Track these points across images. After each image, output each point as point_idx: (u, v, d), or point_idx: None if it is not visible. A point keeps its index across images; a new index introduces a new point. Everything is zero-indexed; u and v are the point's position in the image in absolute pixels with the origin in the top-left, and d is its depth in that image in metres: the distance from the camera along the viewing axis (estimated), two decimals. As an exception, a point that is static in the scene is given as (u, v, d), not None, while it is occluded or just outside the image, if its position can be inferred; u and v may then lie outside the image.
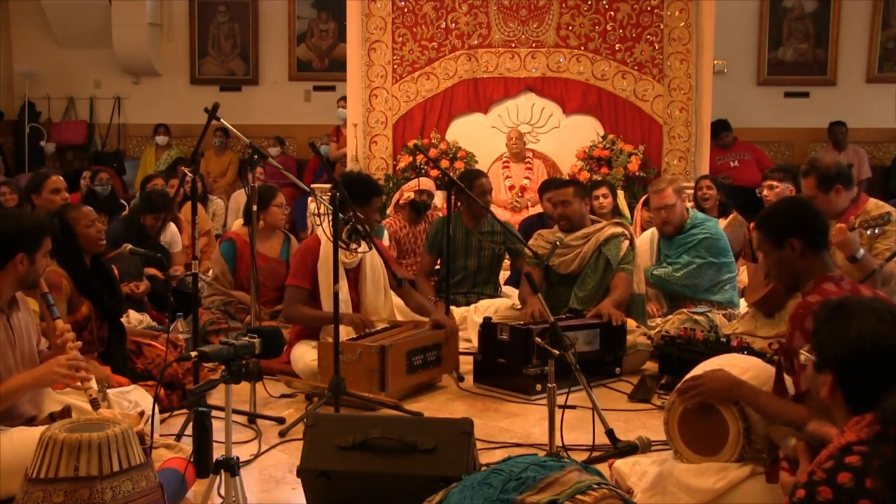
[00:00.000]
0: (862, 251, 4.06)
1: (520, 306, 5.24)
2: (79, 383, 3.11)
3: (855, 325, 1.79)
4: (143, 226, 5.81)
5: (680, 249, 5.26)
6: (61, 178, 5.74)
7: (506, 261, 6.15)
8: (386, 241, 6.03)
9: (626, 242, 5.07)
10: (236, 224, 6.55)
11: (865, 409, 1.75)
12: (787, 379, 2.78)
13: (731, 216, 6.28)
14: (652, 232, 5.51)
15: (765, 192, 5.67)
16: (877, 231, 4.07)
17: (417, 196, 6.38)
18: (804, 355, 1.92)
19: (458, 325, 4.82)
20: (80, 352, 3.24)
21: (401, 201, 6.52)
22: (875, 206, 4.38)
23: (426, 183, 6.60)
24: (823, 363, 1.84)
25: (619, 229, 5.12)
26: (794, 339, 2.63)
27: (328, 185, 6.32)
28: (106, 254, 4.41)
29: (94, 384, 3.16)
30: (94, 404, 3.08)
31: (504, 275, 6.28)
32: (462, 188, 5.30)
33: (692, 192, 6.72)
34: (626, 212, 7.17)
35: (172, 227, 6.09)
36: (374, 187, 4.74)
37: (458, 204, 5.73)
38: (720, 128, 9.03)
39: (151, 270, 5.64)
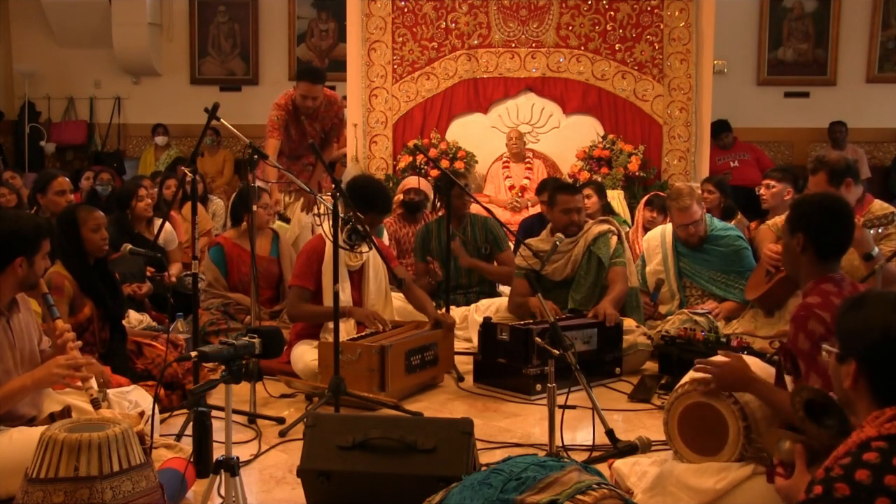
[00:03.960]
0: (877, 249, 4.06)
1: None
2: (79, 383, 3.11)
3: (879, 313, 1.78)
4: (131, 227, 5.77)
5: (710, 258, 5.21)
6: (67, 180, 5.79)
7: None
8: (386, 241, 6.04)
9: (615, 238, 5.07)
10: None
11: (889, 399, 1.74)
12: (788, 379, 2.78)
13: (737, 218, 6.28)
14: (662, 230, 5.46)
15: (762, 191, 5.65)
16: (880, 231, 4.08)
17: (405, 196, 6.39)
18: (826, 348, 1.91)
19: (455, 321, 4.81)
20: (80, 352, 3.24)
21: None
22: (880, 206, 4.39)
23: (418, 182, 6.58)
24: (847, 352, 1.81)
25: (604, 226, 5.12)
26: (798, 340, 2.63)
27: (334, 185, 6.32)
28: (109, 256, 4.42)
29: (94, 384, 3.16)
30: (95, 404, 3.08)
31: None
32: (460, 186, 5.31)
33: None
34: (626, 212, 7.17)
35: (167, 225, 6.07)
36: (377, 202, 4.64)
37: (441, 207, 5.72)
38: (720, 128, 9.03)
39: (153, 271, 5.63)
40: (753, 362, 2.96)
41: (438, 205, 5.97)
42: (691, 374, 2.95)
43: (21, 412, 3.05)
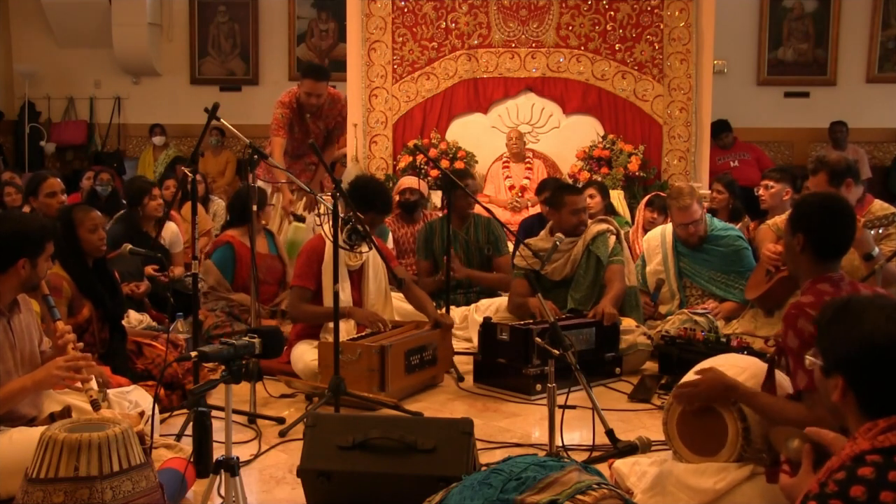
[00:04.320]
0: (877, 249, 4.06)
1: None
2: (79, 384, 3.11)
3: (863, 324, 1.73)
4: (140, 225, 5.80)
5: (710, 258, 5.21)
6: (59, 180, 5.75)
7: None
8: (390, 244, 6.04)
9: (613, 237, 5.10)
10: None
11: (879, 412, 1.71)
12: (782, 377, 2.79)
13: (743, 220, 6.28)
14: (662, 230, 5.47)
15: (761, 192, 5.66)
16: (880, 231, 4.08)
17: (401, 196, 6.40)
18: (809, 360, 1.88)
19: (454, 322, 4.81)
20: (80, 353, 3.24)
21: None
22: (880, 206, 4.38)
23: (412, 182, 6.58)
24: (833, 366, 1.78)
25: (603, 226, 5.14)
26: (788, 338, 2.64)
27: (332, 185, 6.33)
28: (107, 255, 4.41)
29: (94, 385, 3.17)
30: (95, 405, 3.09)
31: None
32: (461, 187, 5.31)
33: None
34: (626, 212, 7.16)
35: (174, 227, 6.07)
36: (377, 203, 4.67)
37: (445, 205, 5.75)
38: (720, 128, 9.03)
39: (151, 271, 5.63)
40: (752, 362, 2.97)
41: (444, 203, 5.99)
42: (687, 379, 2.95)
43: (21, 412, 3.05)
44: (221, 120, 4.13)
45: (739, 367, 2.90)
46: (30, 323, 3.20)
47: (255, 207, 4.39)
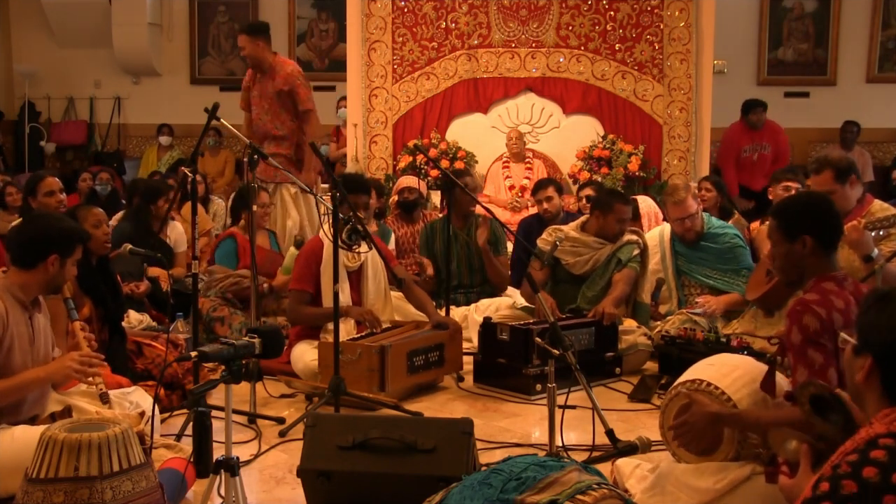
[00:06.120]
0: (876, 251, 4.05)
1: (521, 305, 5.26)
2: (90, 378, 3.16)
3: None
4: (150, 223, 5.82)
5: (707, 255, 5.22)
6: (57, 179, 5.76)
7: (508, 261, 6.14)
8: (392, 245, 6.03)
9: (638, 251, 5.15)
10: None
11: None
12: (781, 378, 2.78)
13: (734, 217, 6.27)
14: (661, 230, 5.48)
15: (779, 192, 5.55)
16: (881, 233, 4.07)
17: (400, 195, 6.40)
18: (843, 337, 1.89)
19: (460, 325, 4.81)
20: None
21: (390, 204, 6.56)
22: (880, 207, 4.37)
23: (411, 181, 6.59)
24: (864, 346, 1.79)
25: (634, 237, 5.21)
26: (791, 333, 2.62)
27: (327, 186, 6.34)
28: (110, 254, 4.42)
29: (103, 380, 3.21)
30: (104, 398, 3.14)
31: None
32: (461, 186, 5.31)
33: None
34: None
35: (178, 226, 6.09)
36: (347, 184, 4.70)
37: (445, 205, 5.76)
38: (753, 104, 8.64)
39: (153, 271, 5.63)
40: (743, 360, 2.98)
41: (444, 203, 5.99)
42: (684, 378, 2.96)
43: (25, 407, 3.07)
44: (221, 120, 4.13)
45: (731, 366, 2.91)
46: (46, 327, 3.25)
47: (254, 207, 4.40)
